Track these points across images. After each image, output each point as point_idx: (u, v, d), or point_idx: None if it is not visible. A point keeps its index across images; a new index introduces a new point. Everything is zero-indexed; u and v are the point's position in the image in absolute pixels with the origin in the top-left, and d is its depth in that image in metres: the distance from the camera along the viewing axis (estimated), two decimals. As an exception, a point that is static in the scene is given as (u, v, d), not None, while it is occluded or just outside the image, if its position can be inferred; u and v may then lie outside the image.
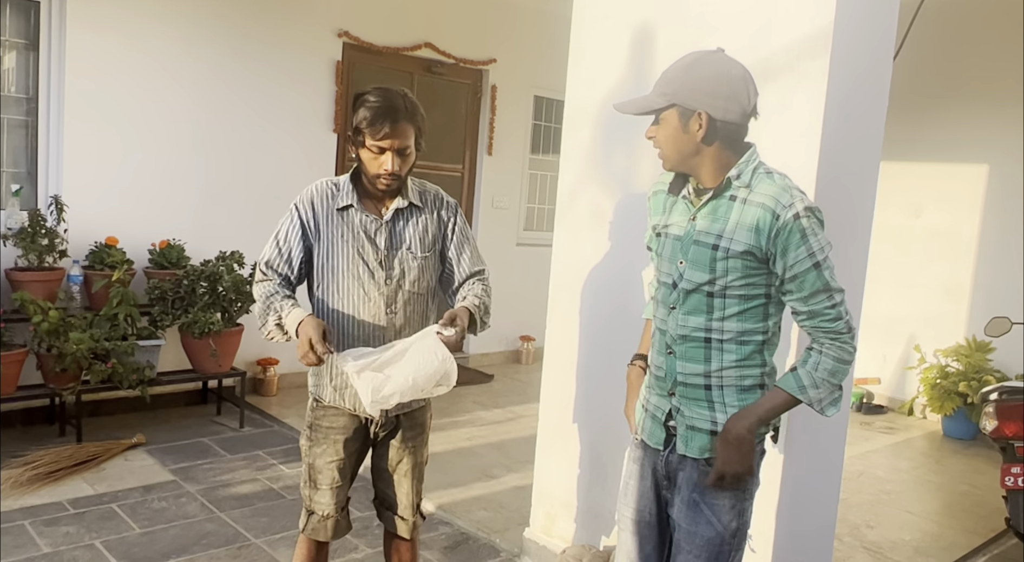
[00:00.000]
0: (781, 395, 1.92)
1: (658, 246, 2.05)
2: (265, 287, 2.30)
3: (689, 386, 1.98)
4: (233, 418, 5.09)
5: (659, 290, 2.05)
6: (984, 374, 5.67)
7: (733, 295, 1.91)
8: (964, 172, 6.20)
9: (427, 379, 2.15)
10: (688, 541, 1.99)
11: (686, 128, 1.89)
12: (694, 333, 1.95)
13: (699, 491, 1.98)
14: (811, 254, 1.84)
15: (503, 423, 5.46)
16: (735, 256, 1.88)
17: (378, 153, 2.22)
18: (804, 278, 1.86)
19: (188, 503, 3.85)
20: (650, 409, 2.09)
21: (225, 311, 4.92)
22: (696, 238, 1.93)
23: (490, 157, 6.93)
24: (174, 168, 5.18)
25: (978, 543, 4.02)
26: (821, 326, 1.89)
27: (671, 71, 1.93)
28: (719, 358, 1.94)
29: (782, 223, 1.83)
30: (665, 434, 2.05)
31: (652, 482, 2.10)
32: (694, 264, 1.93)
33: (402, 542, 2.57)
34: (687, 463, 2.01)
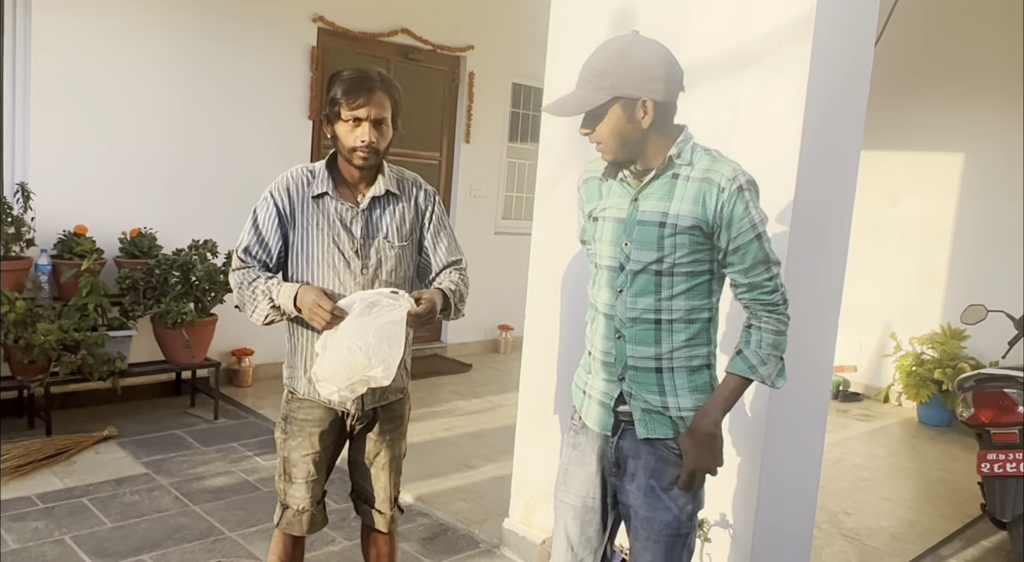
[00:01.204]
0: (735, 380, 1.95)
1: (596, 231, 2.03)
2: (245, 274, 2.25)
3: (640, 370, 1.97)
4: (207, 410, 5.01)
5: (601, 275, 2.02)
6: (959, 361, 5.72)
7: (681, 272, 1.92)
8: (940, 161, 6.23)
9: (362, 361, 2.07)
10: (646, 527, 1.99)
11: (631, 118, 1.87)
12: (644, 315, 1.95)
13: (656, 477, 1.99)
14: (753, 226, 1.90)
15: (481, 413, 5.42)
16: (682, 232, 1.90)
17: (354, 125, 2.17)
18: (747, 250, 1.90)
19: (161, 496, 3.78)
20: (595, 395, 2.06)
21: (198, 301, 4.83)
22: (640, 218, 1.93)
23: (468, 145, 6.86)
24: (145, 154, 5.07)
25: (954, 529, 4.05)
26: (760, 298, 1.94)
27: (600, 63, 1.86)
28: (669, 339, 1.95)
29: (727, 196, 1.87)
30: (614, 420, 2.03)
31: (597, 468, 2.09)
32: (640, 244, 1.93)
33: (380, 535, 2.53)
34: (643, 448, 2.00)
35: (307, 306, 2.10)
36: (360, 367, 2.07)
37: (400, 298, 2.09)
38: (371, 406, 2.34)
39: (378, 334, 2.05)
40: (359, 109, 2.15)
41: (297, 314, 2.16)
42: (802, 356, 2.78)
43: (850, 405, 6.33)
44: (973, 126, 6.01)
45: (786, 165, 2.58)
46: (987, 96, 5.93)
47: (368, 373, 2.08)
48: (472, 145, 6.89)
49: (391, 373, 2.10)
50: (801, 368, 2.79)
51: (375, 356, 2.06)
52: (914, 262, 6.34)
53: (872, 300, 6.41)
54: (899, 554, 3.72)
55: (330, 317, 2.08)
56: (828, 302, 2.90)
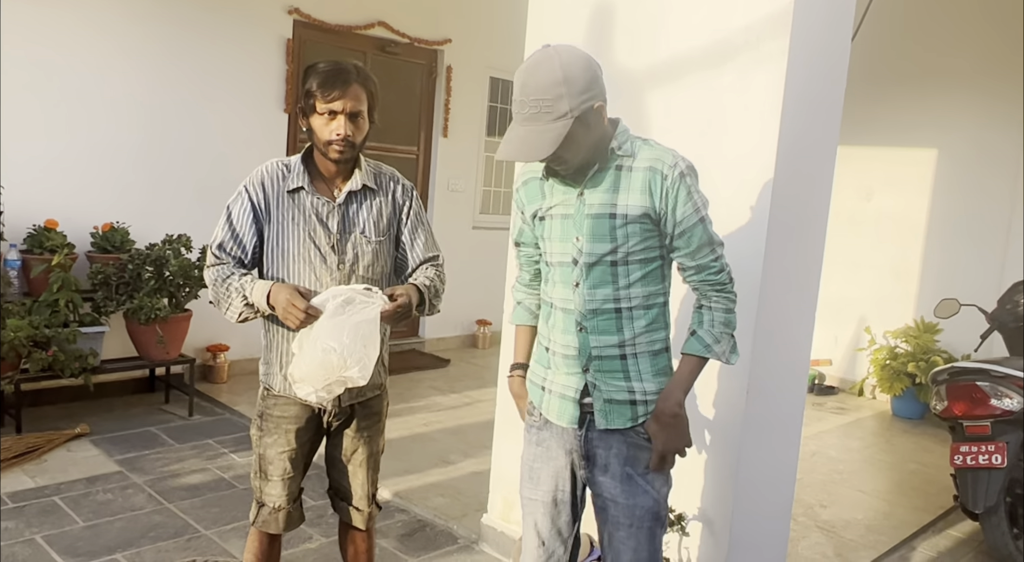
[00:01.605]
0: (692, 360, 1.99)
1: (544, 230, 2.04)
2: (220, 270, 2.21)
3: (605, 359, 1.99)
4: (182, 406, 4.95)
5: (553, 272, 2.04)
6: (932, 355, 5.79)
7: (635, 260, 1.96)
8: (914, 156, 6.29)
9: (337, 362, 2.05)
10: (628, 514, 2.01)
11: (589, 127, 1.88)
12: (604, 305, 1.97)
13: (631, 464, 2.01)
14: (697, 210, 1.94)
15: (460, 408, 5.41)
16: (633, 221, 1.93)
17: (330, 118, 2.14)
18: (692, 233, 1.95)
19: (135, 494, 3.73)
20: (556, 389, 2.07)
21: (172, 296, 4.77)
22: (589, 212, 1.96)
23: (445, 139, 6.83)
24: (118, 147, 4.99)
25: (927, 520, 4.10)
26: (708, 279, 1.99)
27: (545, 92, 1.81)
28: (631, 326, 1.98)
29: (671, 182, 1.92)
30: (579, 412, 2.04)
31: (565, 462, 2.09)
32: (593, 236, 1.95)
33: (357, 533, 2.50)
34: (612, 438, 2.02)
35: (280, 305, 2.07)
36: (336, 368, 2.05)
37: (373, 295, 2.07)
38: (348, 403, 2.32)
39: (352, 334, 2.03)
40: (335, 102, 2.12)
41: (271, 312, 2.13)
42: (779, 350, 2.80)
43: (825, 398, 6.39)
44: (946, 122, 6.08)
45: (764, 159, 2.58)
46: (960, 93, 5.99)
47: (344, 374, 2.06)
48: (450, 139, 6.86)
49: (367, 373, 2.08)
50: (778, 362, 2.81)
51: (350, 357, 2.04)
52: (888, 256, 6.40)
53: (847, 294, 6.47)
54: (874, 545, 3.76)
55: (304, 316, 2.05)
56: (805, 296, 2.92)
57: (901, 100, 6.24)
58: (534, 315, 2.25)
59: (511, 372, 2.30)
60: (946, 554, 3.77)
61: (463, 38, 6.76)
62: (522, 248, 2.21)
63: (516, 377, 2.28)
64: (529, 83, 1.84)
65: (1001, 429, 3.62)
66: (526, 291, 2.26)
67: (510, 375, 2.30)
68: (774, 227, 2.62)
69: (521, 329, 2.29)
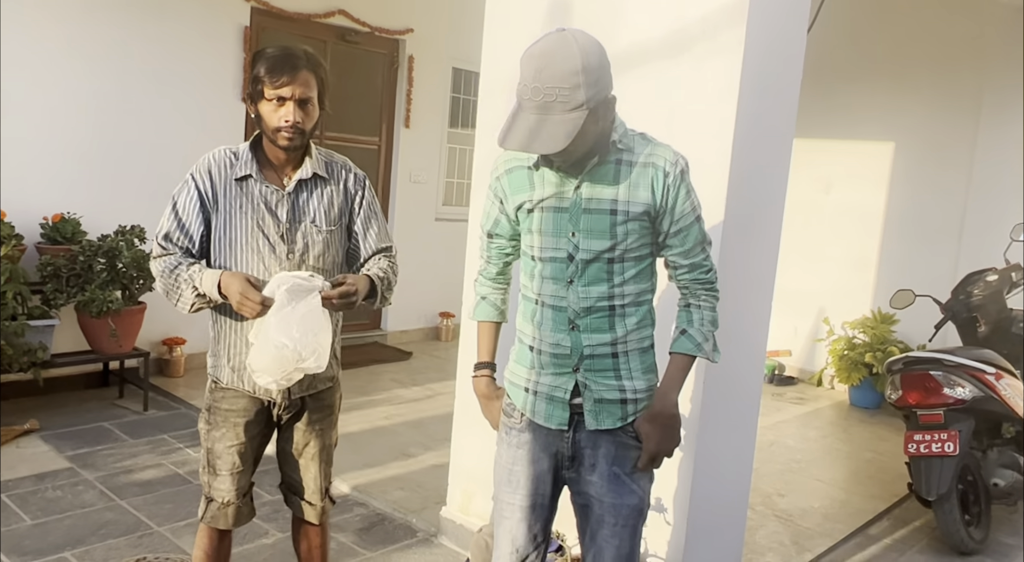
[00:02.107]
0: (683, 359, 1.98)
1: (530, 222, 1.95)
2: (167, 261, 2.16)
3: (596, 358, 1.94)
4: (136, 401, 4.85)
5: (543, 267, 1.95)
6: (888, 345, 5.87)
7: (631, 257, 1.91)
8: (871, 149, 6.37)
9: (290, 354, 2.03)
10: (614, 513, 1.98)
11: (598, 119, 1.80)
12: (598, 303, 1.92)
13: (619, 464, 1.98)
14: (694, 208, 1.93)
15: (421, 401, 5.37)
16: (634, 218, 1.88)
17: (278, 104, 2.09)
18: (688, 231, 1.93)
19: (85, 491, 3.64)
20: (543, 390, 1.99)
21: (126, 288, 4.67)
22: (587, 206, 1.88)
23: (407, 130, 6.77)
24: (68, 136, 4.86)
25: (882, 508, 4.16)
26: (699, 278, 1.98)
27: (563, 81, 1.70)
28: (623, 324, 1.94)
29: (672, 179, 1.88)
30: (568, 413, 1.99)
31: (549, 465, 2.03)
32: (591, 233, 1.89)
33: (311, 527, 2.46)
34: (600, 438, 1.98)
35: (234, 297, 2.03)
36: (291, 361, 2.04)
37: (314, 280, 2.05)
38: (299, 395, 2.27)
39: (301, 326, 2.01)
40: (283, 88, 2.07)
41: (223, 301, 2.08)
42: (737, 340, 2.81)
43: (785, 389, 6.46)
44: (902, 116, 6.16)
45: (720, 150, 2.59)
46: (916, 86, 6.08)
47: (300, 366, 2.06)
48: (412, 130, 6.80)
49: (323, 360, 2.07)
50: (735, 352, 2.82)
51: (304, 349, 2.03)
52: (846, 248, 6.48)
53: (806, 286, 6.54)
54: (830, 534, 3.81)
55: (260, 308, 2.01)
56: (762, 285, 2.93)
57: (858, 93, 6.31)
58: (499, 311, 2.18)
59: (476, 372, 2.18)
60: (900, 541, 3.83)
61: (425, 28, 6.70)
62: (495, 240, 2.09)
63: (483, 377, 2.17)
64: (546, 69, 1.71)
65: (953, 418, 3.68)
66: (492, 285, 2.17)
67: (476, 375, 2.18)
68: (730, 218, 2.63)
69: (485, 326, 2.19)
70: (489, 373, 2.18)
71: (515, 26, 3.13)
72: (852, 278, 6.45)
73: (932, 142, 6.06)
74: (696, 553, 2.84)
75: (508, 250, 2.11)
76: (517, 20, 3.11)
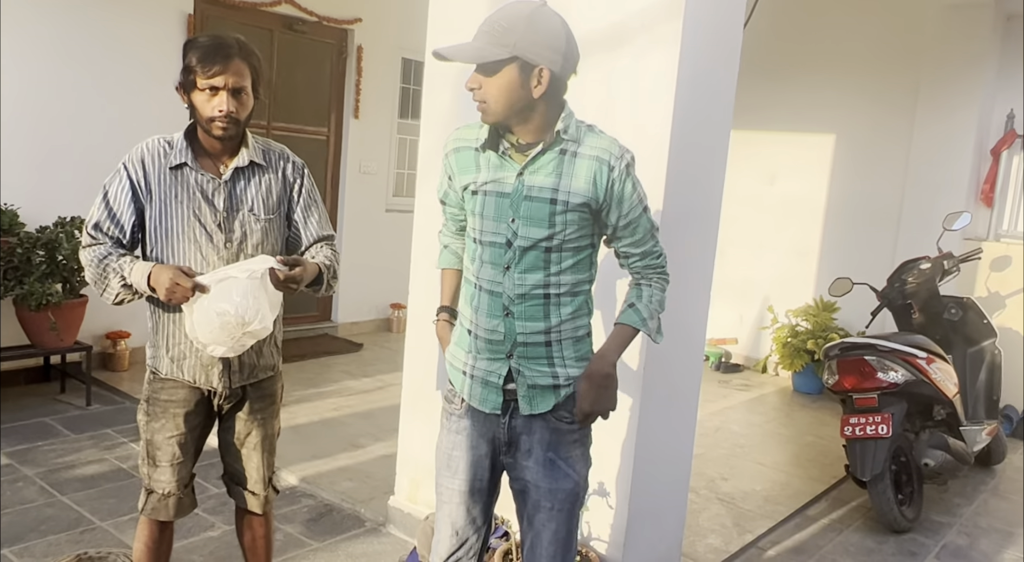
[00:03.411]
0: (627, 330, 2.01)
1: (475, 205, 1.97)
2: (96, 251, 2.14)
3: (529, 345, 1.97)
4: (79, 396, 4.76)
5: (483, 251, 1.97)
6: (830, 332, 6.03)
7: (568, 248, 1.94)
8: (814, 141, 6.52)
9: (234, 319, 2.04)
10: (550, 497, 2.01)
11: (524, 83, 1.83)
12: (533, 290, 1.94)
13: (553, 449, 2.01)
14: (640, 200, 1.97)
15: (372, 392, 5.37)
16: (573, 209, 1.90)
17: (211, 94, 2.08)
18: (638, 223, 1.98)
19: (25, 487, 3.58)
20: (479, 374, 2.02)
21: (66, 281, 4.57)
22: (528, 194, 1.90)
23: (357, 121, 6.72)
24: (5, 127, 4.73)
25: (821, 490, 4.29)
26: (651, 264, 2.04)
27: (506, 20, 1.80)
28: (557, 312, 1.96)
29: (617, 174, 1.91)
30: (502, 398, 2.01)
31: (487, 450, 2.06)
32: (530, 220, 1.91)
33: (255, 517, 2.46)
34: (535, 423, 2.01)
35: (164, 285, 2.02)
36: (234, 327, 2.04)
37: (263, 260, 2.06)
38: (239, 384, 2.27)
39: (243, 292, 2.01)
40: (215, 77, 2.06)
41: (151, 294, 2.07)
42: (676, 327, 2.86)
43: (731, 376, 6.59)
44: (843, 108, 6.32)
45: (658, 140, 2.64)
46: (855, 78, 6.23)
47: (246, 330, 2.06)
48: (361, 121, 6.76)
49: (268, 322, 2.08)
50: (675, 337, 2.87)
51: (247, 312, 2.03)
52: (790, 238, 6.64)
53: (751, 275, 6.68)
54: (771, 515, 3.92)
55: (191, 294, 2.01)
56: (701, 272, 3.00)
57: (800, 86, 6.45)
58: (459, 259, 2.19)
59: (437, 316, 2.21)
60: (837, 521, 3.96)
61: (374, 18, 6.65)
62: (447, 207, 2.13)
63: (442, 321, 2.20)
64: (499, 12, 1.83)
65: (887, 401, 3.81)
66: (452, 236, 2.20)
67: (436, 319, 2.21)
68: (669, 208, 2.68)
69: (448, 272, 2.21)
70: (448, 317, 2.19)
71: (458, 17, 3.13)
72: (795, 267, 6.61)
73: (871, 134, 6.23)
74: (638, 536, 2.90)
75: (460, 217, 2.12)
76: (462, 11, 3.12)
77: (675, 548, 3.20)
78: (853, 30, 6.23)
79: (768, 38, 6.08)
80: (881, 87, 6.13)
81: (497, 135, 1.94)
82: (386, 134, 7.04)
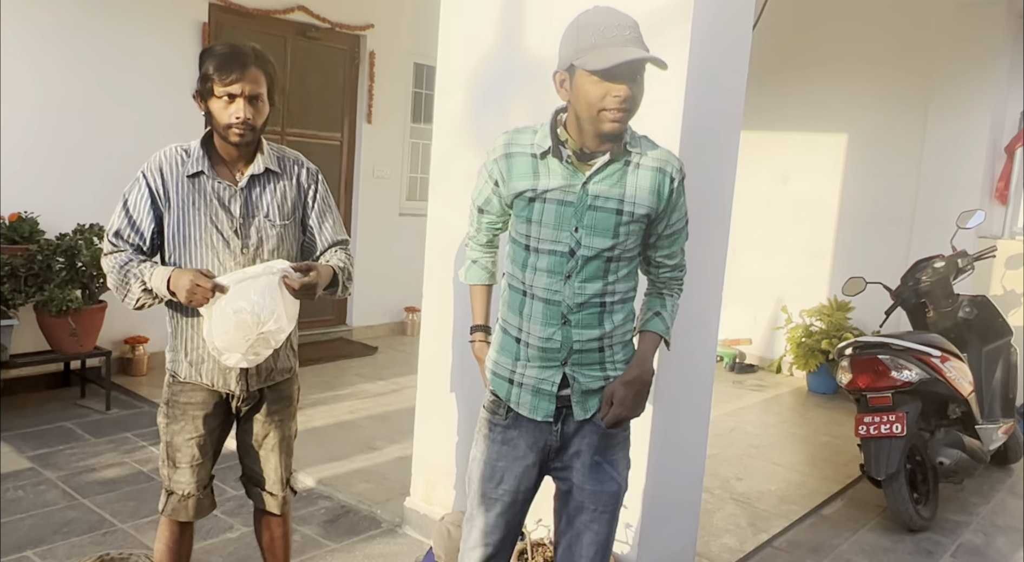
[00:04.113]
0: (655, 338, 2.06)
1: (532, 213, 1.93)
2: (117, 258, 2.18)
3: (585, 352, 1.98)
4: (99, 401, 4.83)
5: (538, 259, 1.95)
6: (844, 332, 6.02)
7: (626, 257, 1.97)
8: (826, 141, 6.51)
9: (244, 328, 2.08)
10: (594, 499, 2.03)
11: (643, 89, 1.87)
12: (592, 299, 1.95)
13: (600, 452, 2.03)
14: (686, 214, 2.05)
15: (387, 395, 5.41)
16: (637, 219, 1.94)
17: (228, 101, 2.12)
18: (679, 235, 2.05)
19: (48, 491, 3.64)
20: (529, 382, 2.00)
21: (85, 287, 4.64)
22: (593, 204, 1.90)
23: (370, 126, 6.78)
24: (23, 134, 4.82)
25: (836, 489, 4.29)
26: (677, 276, 2.10)
27: (633, 24, 1.83)
28: (610, 319, 1.99)
29: (675, 185, 1.95)
30: (555, 405, 2.00)
31: (535, 459, 2.05)
32: (594, 230, 1.91)
33: (273, 518, 2.50)
34: (585, 427, 2.02)
35: (184, 287, 2.06)
36: (251, 326, 2.06)
37: (276, 264, 2.11)
38: (257, 387, 2.31)
39: (260, 291, 2.05)
40: (233, 85, 2.10)
41: (171, 297, 2.11)
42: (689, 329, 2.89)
43: (745, 376, 6.59)
44: (854, 107, 6.31)
45: (669, 143, 2.64)
46: (866, 78, 6.22)
47: (262, 330, 2.08)
48: (374, 126, 6.81)
49: (283, 323, 2.09)
50: (689, 340, 2.90)
51: (263, 311, 2.05)
52: (803, 238, 6.63)
53: (765, 275, 6.68)
54: (786, 515, 3.92)
55: (211, 294, 2.05)
56: (713, 273, 3.01)
57: (811, 85, 6.45)
58: (490, 273, 2.20)
59: (472, 336, 2.19)
60: (852, 520, 3.95)
61: (386, 24, 6.71)
62: (485, 215, 2.11)
63: (479, 342, 2.19)
64: (619, 15, 1.83)
65: (901, 400, 3.81)
66: (482, 250, 2.20)
67: (472, 340, 2.20)
68: (679, 208, 2.69)
69: (478, 289, 2.21)
70: (483, 336, 2.18)
71: (469, 22, 3.17)
72: (809, 267, 6.60)
73: (883, 133, 6.22)
74: (653, 535, 2.91)
75: (498, 225, 2.14)
76: (473, 16, 3.15)
77: (689, 548, 3.21)
78: (864, 29, 6.22)
79: (778, 38, 6.08)
80: (893, 86, 6.12)
81: (559, 141, 1.93)
82: (399, 138, 7.09)
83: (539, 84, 2.82)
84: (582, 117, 1.86)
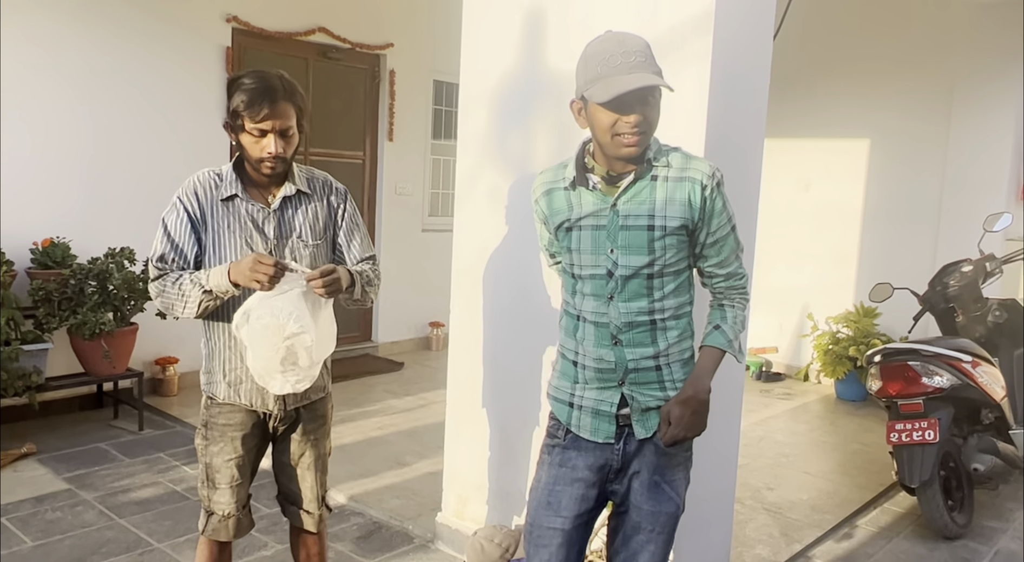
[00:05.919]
0: (716, 353, 2.01)
1: (571, 241, 1.99)
2: (167, 277, 2.21)
3: (641, 370, 1.98)
4: (132, 421, 4.90)
5: (582, 284, 1.99)
6: (872, 338, 5.97)
7: (669, 272, 1.96)
8: (848, 147, 6.49)
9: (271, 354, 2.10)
10: (652, 520, 2.02)
11: (659, 110, 1.90)
12: (639, 317, 1.96)
13: (659, 472, 2.02)
14: (729, 218, 2.00)
15: (414, 410, 5.43)
16: (672, 233, 1.93)
17: (259, 136, 2.15)
18: (724, 242, 2.00)
19: (85, 511, 3.69)
20: (588, 405, 2.02)
21: (117, 310, 4.72)
22: (624, 223, 1.93)
23: (391, 143, 6.84)
24: (53, 159, 4.92)
25: (869, 498, 4.25)
26: (734, 285, 2.04)
27: (645, 48, 1.86)
28: (664, 337, 1.98)
29: (709, 192, 1.93)
30: (615, 426, 2.01)
31: (594, 480, 2.04)
32: (629, 249, 1.93)
33: (309, 536, 2.53)
34: (646, 447, 2.02)
35: (246, 270, 2.06)
36: (274, 332, 2.07)
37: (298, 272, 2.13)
38: (293, 406, 2.34)
39: (281, 299, 2.07)
40: (264, 122, 2.13)
41: (234, 290, 2.14)
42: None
43: (772, 385, 6.55)
44: (876, 113, 6.28)
45: (692, 155, 2.66)
46: (888, 83, 6.20)
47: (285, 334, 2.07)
48: (395, 143, 6.87)
49: (306, 322, 2.08)
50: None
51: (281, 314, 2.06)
52: (828, 245, 6.59)
53: (790, 283, 6.65)
54: (818, 524, 3.89)
55: (274, 270, 2.05)
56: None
57: (832, 91, 6.43)
58: None
59: None
60: (887, 529, 3.91)
61: (405, 42, 6.78)
62: (554, 257, 2.17)
63: None
64: (626, 42, 1.85)
65: (933, 406, 3.77)
66: None
67: None
68: (705, 220, 2.70)
69: None
70: None
71: (490, 41, 3.21)
72: (834, 274, 6.56)
73: (906, 137, 6.18)
74: (685, 547, 2.90)
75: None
76: (493, 34, 3.19)
77: (723, 559, 3.20)
78: (883, 33, 6.21)
79: (798, 46, 6.07)
80: (914, 89, 6.09)
81: (584, 170, 1.98)
82: (420, 155, 7.15)
83: (561, 101, 2.86)
84: (601, 143, 1.92)
